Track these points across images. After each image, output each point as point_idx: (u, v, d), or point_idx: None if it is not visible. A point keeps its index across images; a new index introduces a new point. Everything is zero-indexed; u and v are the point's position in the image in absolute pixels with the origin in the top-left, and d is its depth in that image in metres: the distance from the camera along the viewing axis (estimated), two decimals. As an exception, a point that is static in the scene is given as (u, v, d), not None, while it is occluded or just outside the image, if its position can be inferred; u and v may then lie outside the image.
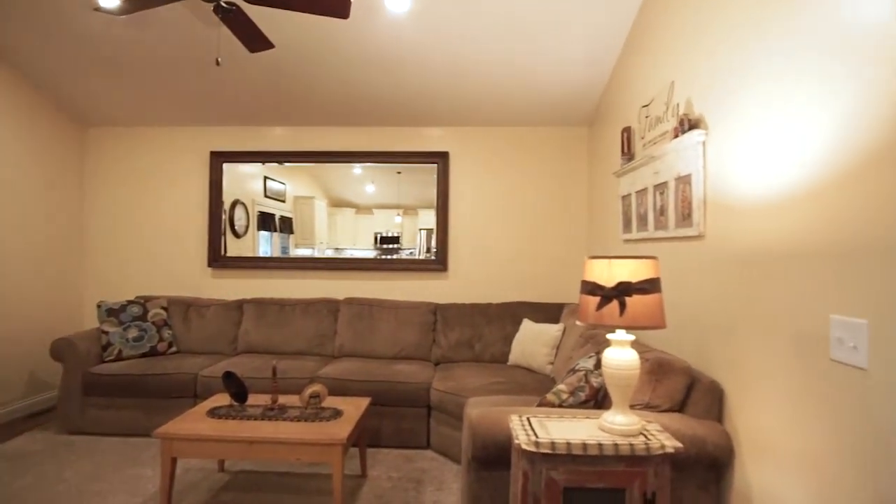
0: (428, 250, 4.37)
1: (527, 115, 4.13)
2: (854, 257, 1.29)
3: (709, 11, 2.12)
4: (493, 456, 1.84)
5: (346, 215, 4.48)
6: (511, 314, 3.93)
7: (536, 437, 1.52)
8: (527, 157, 4.34)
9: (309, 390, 2.62)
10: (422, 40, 3.24)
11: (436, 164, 4.35)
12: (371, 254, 4.45)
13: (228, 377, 2.63)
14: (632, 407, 1.95)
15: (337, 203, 4.48)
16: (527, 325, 3.68)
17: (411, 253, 4.41)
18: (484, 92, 3.80)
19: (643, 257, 1.54)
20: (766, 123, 1.69)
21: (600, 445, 1.48)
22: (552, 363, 3.35)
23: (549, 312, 3.91)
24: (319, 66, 3.54)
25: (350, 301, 4.10)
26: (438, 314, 4.00)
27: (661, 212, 2.52)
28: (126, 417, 3.41)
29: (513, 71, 3.53)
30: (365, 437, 2.89)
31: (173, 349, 3.89)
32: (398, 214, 4.45)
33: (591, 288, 1.55)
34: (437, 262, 4.32)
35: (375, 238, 4.47)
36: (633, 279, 1.49)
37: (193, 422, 2.44)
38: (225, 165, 4.42)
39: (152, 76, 3.72)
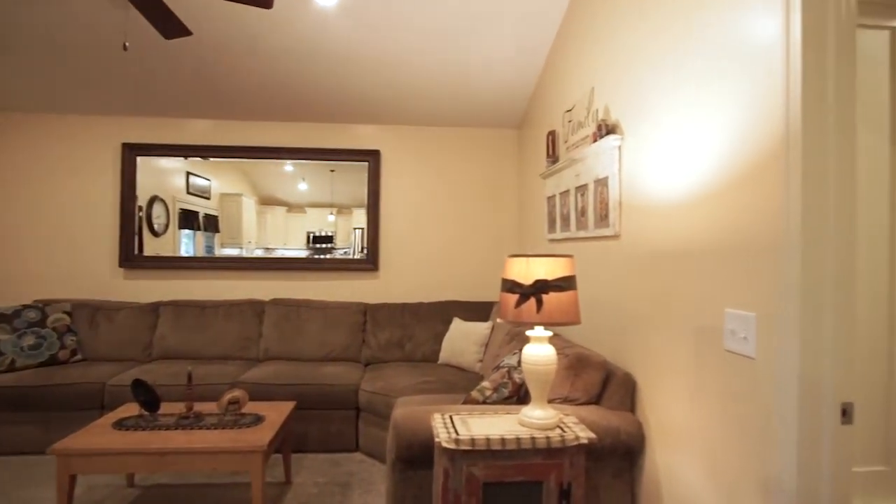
0: (363, 250, 4.31)
1: (458, 115, 4.17)
2: (744, 255, 1.40)
3: (623, 25, 2.23)
4: (418, 455, 1.83)
5: (276, 214, 4.32)
6: (442, 313, 3.94)
7: (457, 434, 1.53)
8: (458, 157, 4.38)
9: (228, 396, 2.50)
10: (352, 35, 3.19)
11: (367, 163, 4.29)
12: (303, 253, 4.32)
13: (138, 385, 2.45)
14: (552, 401, 2.02)
15: (267, 201, 4.31)
16: (457, 324, 3.71)
17: (346, 252, 4.32)
18: (416, 91, 3.79)
19: (559, 256, 1.60)
20: (672, 131, 1.80)
21: (518, 440, 1.51)
22: (481, 361, 3.40)
23: (479, 311, 3.96)
24: (245, 57, 3.38)
25: (276, 302, 3.96)
26: (369, 314, 3.95)
27: (582, 212, 2.63)
28: (21, 434, 3.09)
29: (445, 71, 3.55)
30: (289, 443, 2.79)
31: (78, 357, 3.58)
32: (332, 213, 4.35)
33: (510, 286, 1.58)
34: (368, 261, 4.26)
35: (308, 237, 4.34)
36: (550, 277, 1.54)
37: (95, 435, 2.26)
38: (140, 159, 4.12)
39: (52, 59, 3.40)
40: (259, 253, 4.28)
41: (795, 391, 1.21)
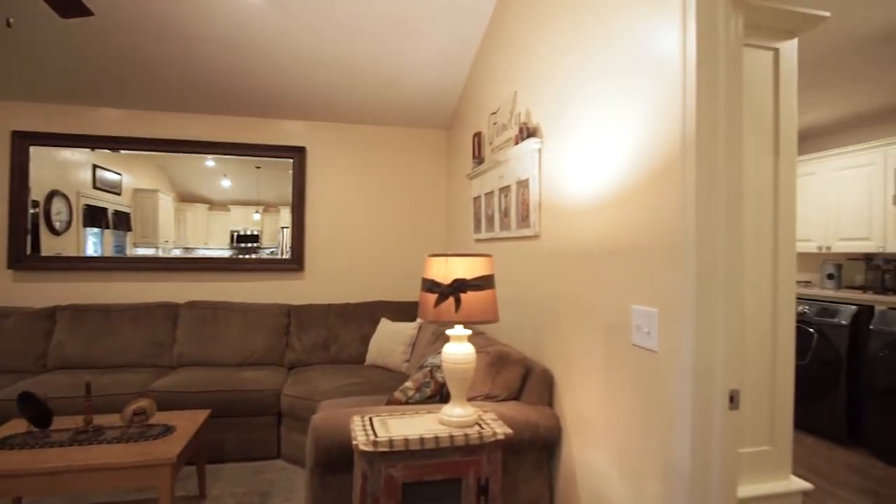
0: (289, 249, 4.16)
1: (387, 114, 4.13)
2: (649, 255, 1.49)
3: (543, 34, 2.31)
4: (338, 459, 1.79)
5: (197, 211, 4.07)
6: (369, 314, 3.90)
7: (375, 436, 1.51)
8: (387, 156, 4.34)
9: (133, 406, 2.32)
10: (280, 29, 3.06)
11: (291, 159, 4.15)
12: (227, 253, 4.10)
13: (25, 399, 2.22)
14: (473, 398, 2.04)
15: (187, 198, 4.05)
16: (384, 325, 3.68)
17: (273, 252, 4.16)
18: (345, 89, 3.72)
19: (478, 255, 1.62)
20: (588, 136, 1.88)
21: (437, 439, 1.52)
22: (408, 361, 3.39)
23: (407, 311, 3.95)
24: (161, 43, 3.16)
25: (192, 305, 3.73)
26: (293, 316, 3.82)
27: (505, 213, 2.69)
28: None
29: (375, 71, 3.50)
30: (205, 453, 2.64)
31: (-45, 369, 3.19)
32: (257, 212, 4.16)
33: (429, 285, 1.58)
34: (293, 261, 4.13)
35: (232, 236, 4.13)
36: (469, 276, 1.56)
37: (-27, 456, 2.02)
38: (34, 149, 3.74)
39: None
40: (177, 253, 4.02)
41: (690, 381, 1.30)
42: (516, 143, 2.48)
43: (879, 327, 3.32)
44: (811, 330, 3.73)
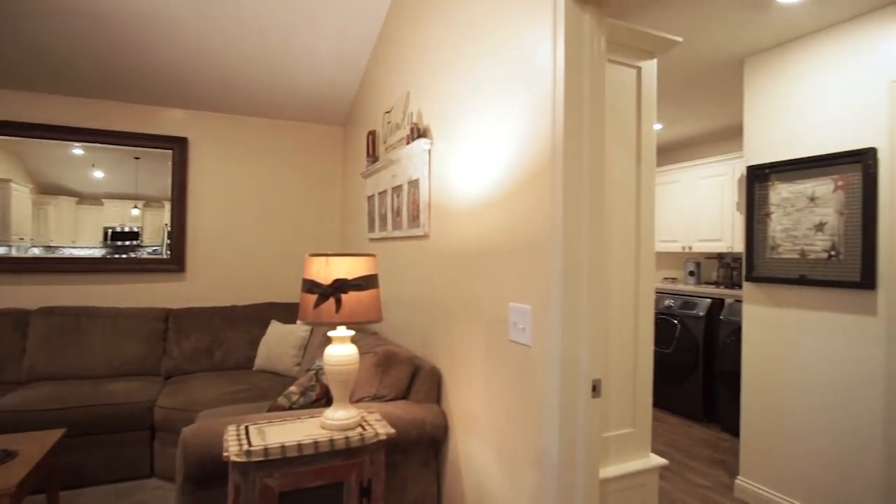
0: (170, 248, 3.82)
1: (281, 108, 3.95)
2: (524, 253, 1.57)
3: (433, 36, 2.34)
4: (212, 473, 1.67)
5: (63, 205, 3.59)
6: (259, 316, 3.70)
7: (249, 445, 1.43)
8: (281, 152, 4.16)
9: (-38, 431, 1.99)
10: (162, 5, 2.79)
11: (171, 151, 3.82)
12: (101, 253, 3.66)
13: None
14: (360, 399, 2.02)
15: (49, 190, 3.55)
16: (274, 327, 3.52)
17: (156, 251, 3.78)
18: (235, 78, 3.49)
19: (360, 255, 1.60)
20: (474, 138, 1.93)
21: (316, 443, 1.47)
22: (300, 364, 3.27)
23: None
24: (13, 16, 2.73)
25: (47, 311, 3.29)
26: (172, 321, 3.52)
27: (398, 213, 2.69)
28: None
29: (267, 61, 3.32)
30: (58, 479, 2.34)
31: None
32: (136, 206, 3.76)
33: (309, 286, 1.53)
34: (173, 261, 3.80)
35: (106, 234, 3.70)
36: (350, 276, 1.53)
37: None
38: None
39: None
40: (36, 252, 3.52)
41: (558, 373, 1.39)
42: (408, 142, 2.48)
43: (728, 317, 3.79)
44: (675, 321, 4.16)
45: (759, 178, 2.72)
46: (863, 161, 2.27)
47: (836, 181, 2.38)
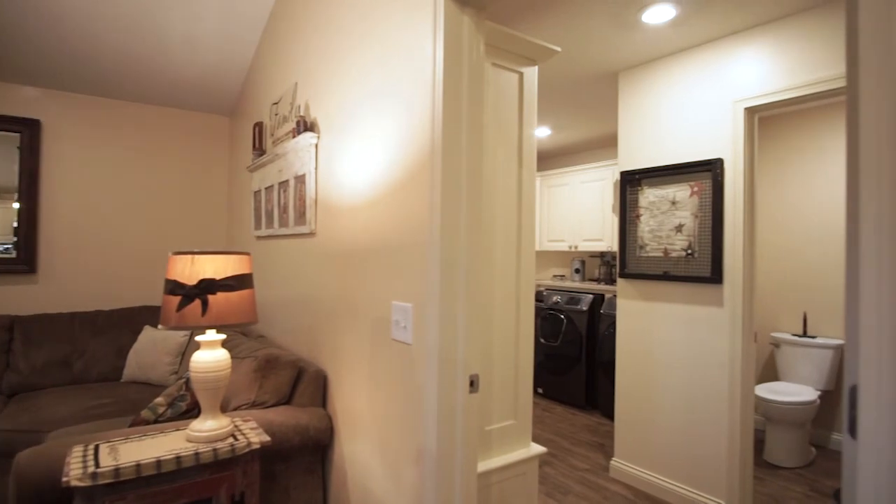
0: (17, 245, 3.32)
1: (158, 92, 3.60)
2: (406, 251, 1.56)
3: (321, 27, 2.26)
4: (55, 502, 1.47)
5: None
6: (129, 321, 3.35)
7: (97, 467, 1.28)
8: (158, 142, 3.79)
9: None
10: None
11: (19, 134, 3.33)
12: None
13: None
14: (238, 407, 1.90)
15: None
16: (148, 333, 3.20)
17: (6, 249, 3.26)
18: (101, 54, 3.11)
19: (232, 253, 1.49)
20: (361, 134, 1.89)
21: (178, 459, 1.35)
22: (176, 373, 3.01)
23: (179, 316, 3.51)
24: None
25: None
26: (17, 329, 3.07)
27: (284, 209, 2.57)
28: None
29: (141, 37, 3.00)
30: None
31: None
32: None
33: (172, 287, 1.40)
34: (22, 261, 3.32)
35: None
36: (219, 276, 1.43)
37: None
38: None
39: None
40: None
41: (436, 370, 1.39)
42: (294, 136, 2.38)
43: (607, 311, 4.10)
44: (562, 316, 4.42)
45: (630, 182, 2.96)
46: (712, 170, 2.56)
47: (693, 187, 2.66)
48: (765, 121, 3.97)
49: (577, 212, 4.89)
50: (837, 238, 3.61)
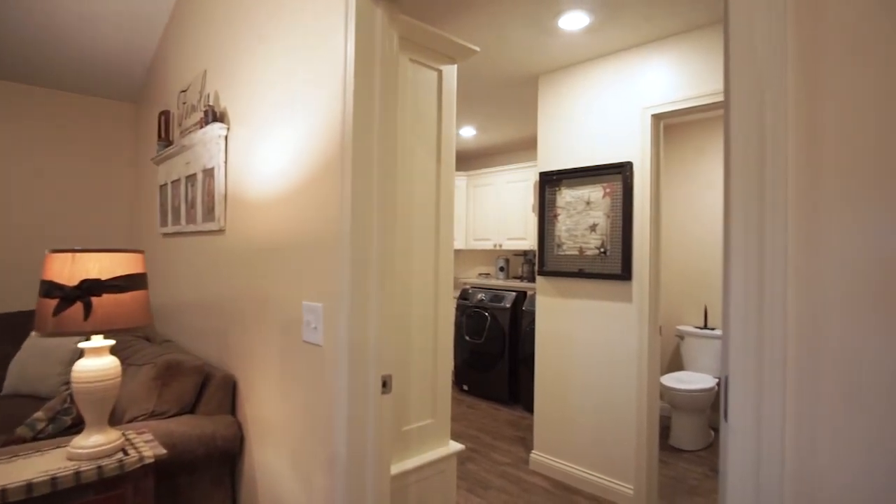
0: None
1: (49, 74, 3.26)
2: (316, 250, 1.50)
3: (238, 16, 2.13)
4: None
5: None
6: (12, 328, 3.01)
7: (-49, 494, 1.12)
8: (50, 129, 3.43)
9: None
10: None
11: None
12: None
13: None
14: (135, 418, 1.75)
15: None
16: (34, 342, 2.89)
17: None
18: (-39, 26, 2.76)
19: (120, 251, 1.37)
20: (273, 127, 1.80)
21: (54, 480, 1.22)
22: (69, 383, 2.74)
23: (73, 321, 3.20)
24: None
25: None
26: None
27: (192, 205, 2.41)
28: None
29: (30, 6, 2.68)
30: None
31: None
32: None
33: (47, 288, 1.26)
34: None
35: None
36: (104, 276, 1.30)
37: None
38: None
39: None
40: None
41: (347, 371, 1.35)
42: (201, 126, 2.23)
43: (528, 308, 4.22)
44: (486, 314, 4.49)
45: (549, 183, 3.06)
46: (623, 172, 2.70)
47: (605, 188, 2.79)
48: (672, 125, 4.25)
49: (501, 211, 4.99)
50: (733, 238, 3.93)
